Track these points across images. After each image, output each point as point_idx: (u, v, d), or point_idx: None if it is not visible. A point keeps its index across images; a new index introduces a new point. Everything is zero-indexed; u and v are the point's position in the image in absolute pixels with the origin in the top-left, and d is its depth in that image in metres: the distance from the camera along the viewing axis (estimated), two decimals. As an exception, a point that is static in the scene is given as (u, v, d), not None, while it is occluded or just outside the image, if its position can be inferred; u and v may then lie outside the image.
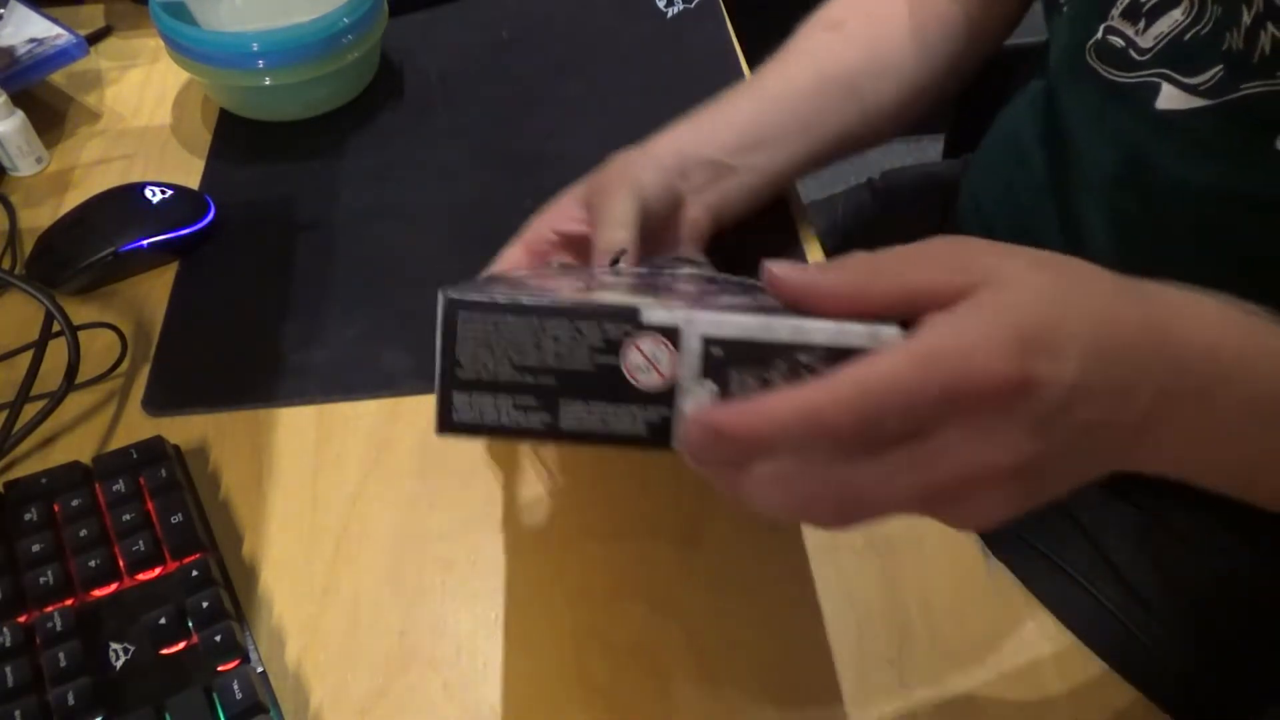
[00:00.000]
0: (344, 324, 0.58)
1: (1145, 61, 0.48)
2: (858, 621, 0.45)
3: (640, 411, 0.29)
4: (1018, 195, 0.62)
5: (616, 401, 0.29)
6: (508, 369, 0.29)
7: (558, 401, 0.29)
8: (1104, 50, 0.51)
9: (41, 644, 0.42)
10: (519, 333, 0.29)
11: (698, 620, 0.46)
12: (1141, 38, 0.48)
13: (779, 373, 0.29)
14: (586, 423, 0.29)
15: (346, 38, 0.68)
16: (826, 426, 0.27)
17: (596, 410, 0.29)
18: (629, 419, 0.29)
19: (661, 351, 0.29)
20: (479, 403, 0.29)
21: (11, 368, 0.55)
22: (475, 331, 0.29)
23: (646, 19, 0.80)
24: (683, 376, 0.29)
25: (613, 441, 0.29)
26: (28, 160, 0.68)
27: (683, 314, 0.29)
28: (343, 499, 0.50)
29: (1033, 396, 0.28)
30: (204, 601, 0.43)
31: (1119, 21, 0.49)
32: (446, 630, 0.46)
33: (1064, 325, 0.28)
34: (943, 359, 0.27)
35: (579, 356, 0.29)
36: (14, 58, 0.71)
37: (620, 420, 0.29)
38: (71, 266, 0.59)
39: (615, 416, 0.29)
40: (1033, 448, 0.28)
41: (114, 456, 0.49)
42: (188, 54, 0.67)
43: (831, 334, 0.29)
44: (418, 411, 0.54)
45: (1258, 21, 0.43)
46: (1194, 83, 0.46)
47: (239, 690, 0.41)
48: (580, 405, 0.29)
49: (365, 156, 0.69)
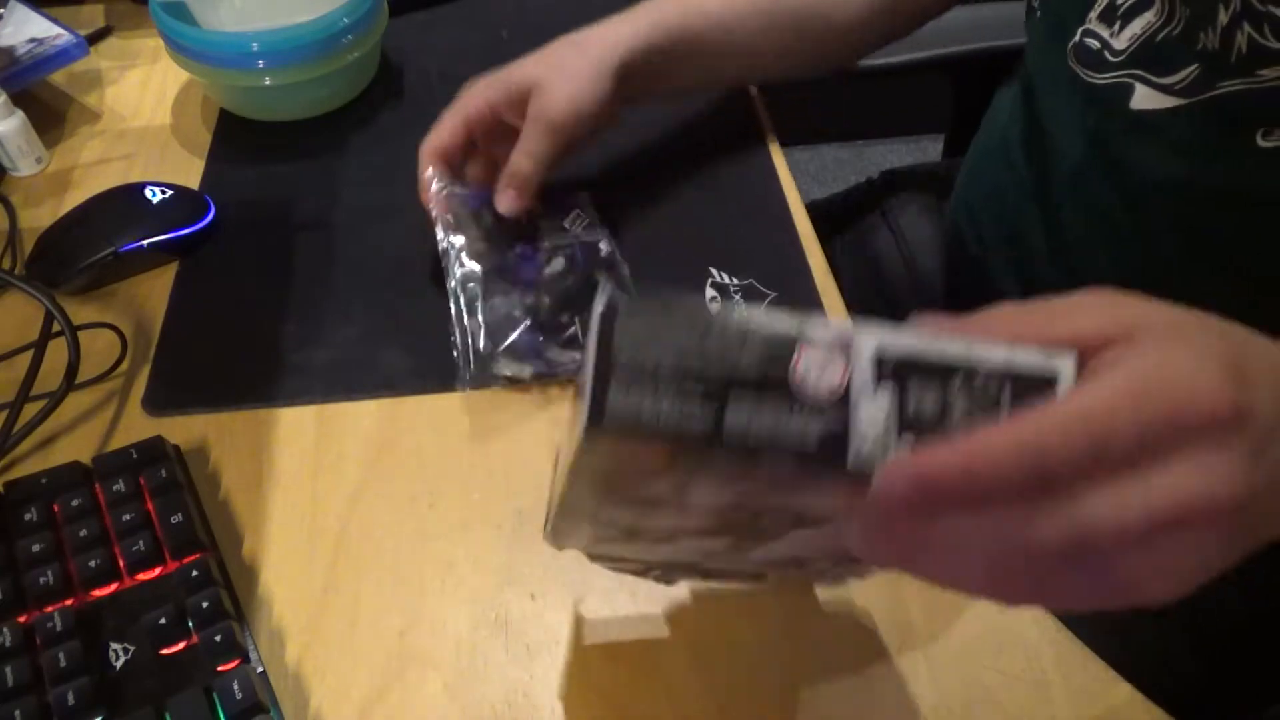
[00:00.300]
0: (344, 324, 0.58)
1: (1119, 62, 0.49)
2: (858, 621, 0.45)
3: (809, 422, 0.26)
4: (1004, 196, 0.62)
5: (782, 409, 0.26)
6: (670, 366, 0.26)
7: (723, 403, 0.26)
8: (1081, 52, 0.51)
9: (41, 644, 0.42)
10: (683, 331, 0.27)
11: (697, 621, 0.46)
12: (1116, 39, 0.49)
13: (957, 393, 0.27)
14: (751, 429, 0.26)
15: (346, 38, 0.68)
16: (1055, 460, 0.24)
17: (762, 416, 0.26)
18: (798, 429, 0.26)
19: (834, 361, 0.27)
20: (636, 399, 0.26)
21: (11, 368, 0.55)
22: (637, 326, 0.27)
23: (646, 19, 0.80)
24: (856, 387, 0.26)
25: (775, 457, 0.26)
26: (28, 160, 0.68)
27: (855, 323, 0.27)
28: (343, 499, 0.50)
29: (1248, 425, 0.26)
30: (204, 601, 0.43)
31: (1096, 24, 0.50)
32: (446, 630, 0.46)
33: (1251, 362, 0.27)
34: (1160, 386, 0.25)
35: (746, 361, 0.26)
36: (14, 58, 0.71)
37: (788, 430, 0.26)
38: (71, 266, 0.59)
39: (782, 426, 0.26)
40: (1248, 480, 0.26)
41: (114, 456, 0.49)
42: (188, 54, 0.67)
43: (1006, 355, 0.27)
44: (418, 411, 0.54)
45: (1235, 22, 0.43)
46: (1168, 82, 0.47)
47: (239, 690, 0.41)
48: (746, 409, 0.26)
49: (365, 156, 0.69)
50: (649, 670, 0.44)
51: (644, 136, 0.69)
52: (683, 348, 0.27)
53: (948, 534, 0.26)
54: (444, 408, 0.54)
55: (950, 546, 0.26)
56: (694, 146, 0.68)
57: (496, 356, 0.54)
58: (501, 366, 0.54)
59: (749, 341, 0.27)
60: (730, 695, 0.43)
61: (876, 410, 0.26)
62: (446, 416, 0.53)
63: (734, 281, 0.59)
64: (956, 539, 0.26)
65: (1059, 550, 0.25)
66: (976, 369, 0.26)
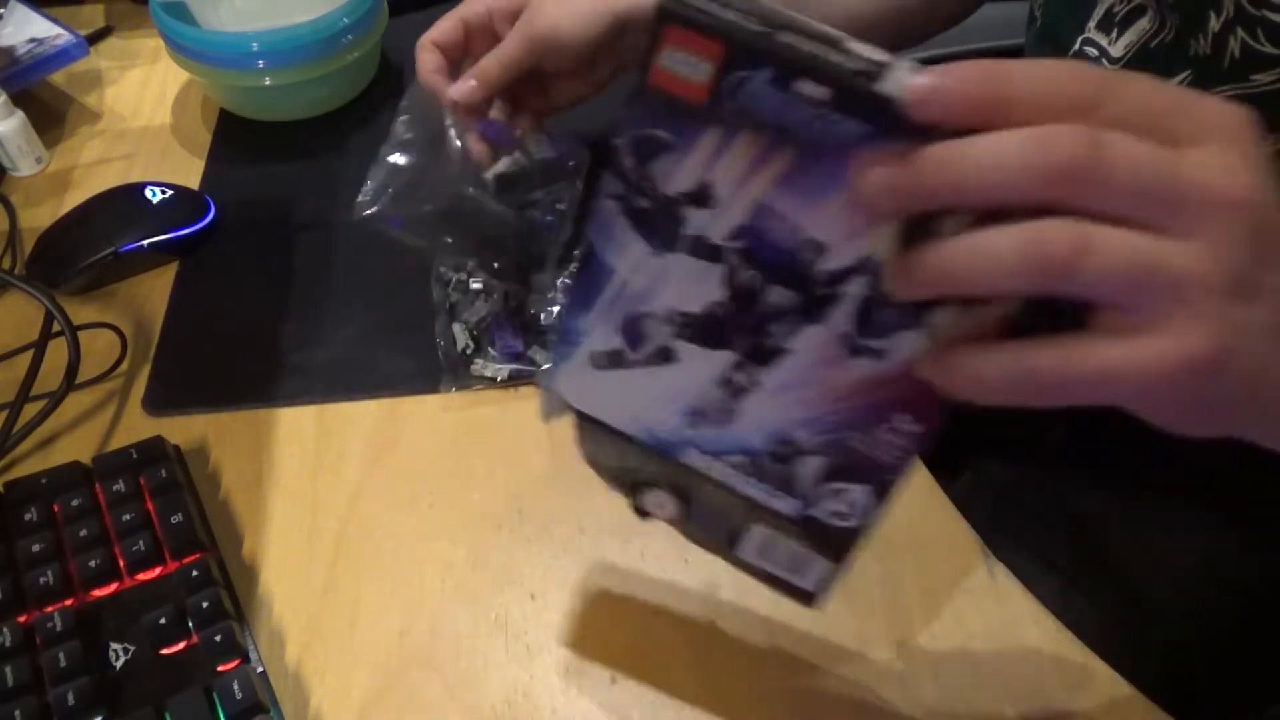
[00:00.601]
0: (344, 324, 0.58)
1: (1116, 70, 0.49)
2: (858, 621, 0.45)
3: (849, 60, 0.26)
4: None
5: (829, 50, 0.26)
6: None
7: (776, 29, 0.26)
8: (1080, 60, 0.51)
9: (41, 644, 0.42)
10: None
11: (698, 620, 0.46)
12: (1114, 47, 0.49)
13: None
14: (797, 49, 0.26)
15: (346, 38, 0.68)
16: (1076, 76, 0.24)
17: (809, 45, 0.26)
18: (838, 61, 0.26)
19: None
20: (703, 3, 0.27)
21: (11, 368, 0.55)
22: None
23: (646, 19, 0.80)
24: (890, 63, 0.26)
25: (813, 81, 0.26)
26: (28, 160, 0.68)
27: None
28: (343, 499, 0.50)
29: (1265, 200, 0.25)
30: (204, 601, 0.43)
31: (1094, 33, 0.50)
32: (446, 630, 0.46)
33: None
34: (1181, 91, 0.25)
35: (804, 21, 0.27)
36: (14, 58, 0.71)
37: (828, 60, 0.26)
38: (71, 266, 0.59)
39: (824, 56, 0.26)
40: (1254, 255, 0.25)
41: (114, 456, 0.49)
42: (188, 54, 0.67)
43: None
44: (418, 411, 0.54)
45: (1227, 27, 0.43)
46: None
47: (239, 690, 0.41)
48: (794, 37, 0.26)
49: (365, 156, 0.69)
50: (649, 669, 0.44)
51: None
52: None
53: (984, 157, 0.24)
54: (444, 408, 0.54)
55: (985, 165, 0.24)
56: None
57: (474, 358, 0.54)
58: (479, 368, 0.54)
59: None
60: (730, 694, 0.43)
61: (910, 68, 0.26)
62: (447, 416, 0.53)
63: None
64: (991, 147, 0.24)
65: (1081, 153, 0.24)
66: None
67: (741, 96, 0.27)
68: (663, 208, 0.30)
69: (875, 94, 0.26)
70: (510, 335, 0.55)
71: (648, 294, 0.32)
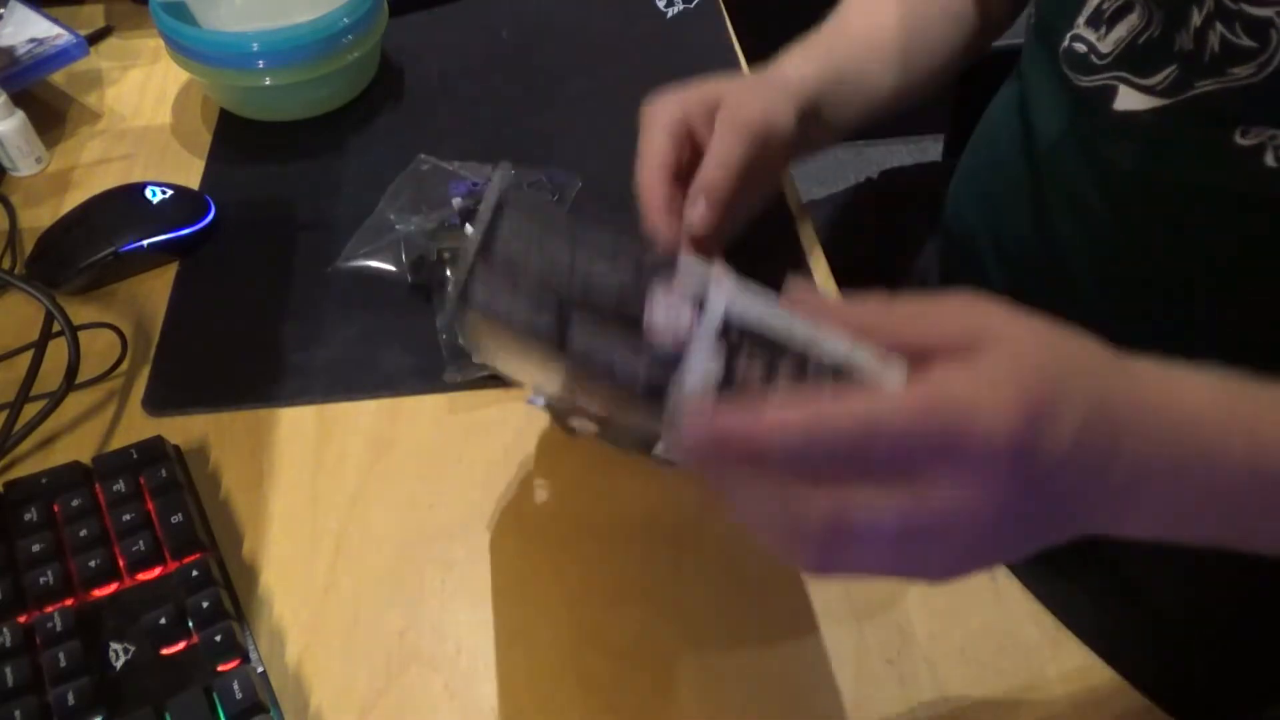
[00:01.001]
0: (344, 324, 0.58)
1: (1104, 65, 0.49)
2: (858, 621, 0.45)
3: (645, 365, 0.29)
4: (995, 197, 0.63)
5: (626, 341, 0.28)
6: (536, 270, 0.29)
7: (572, 317, 0.29)
8: (1069, 56, 0.52)
9: (41, 644, 0.42)
10: (560, 241, 0.29)
11: (698, 620, 0.46)
12: (1102, 43, 0.49)
13: (785, 371, 0.29)
14: (592, 349, 0.29)
15: (346, 38, 0.68)
16: (828, 445, 0.28)
17: (605, 341, 0.29)
18: (631, 365, 0.29)
19: (683, 313, 0.29)
20: (497, 291, 0.29)
21: (11, 368, 0.55)
22: (519, 224, 0.29)
23: (646, 19, 0.80)
24: (695, 340, 0.29)
25: (609, 386, 0.29)
26: (28, 160, 0.68)
27: (715, 280, 0.29)
28: (343, 499, 0.50)
29: (1030, 460, 0.28)
30: (204, 601, 0.43)
31: (1083, 29, 0.51)
32: (446, 630, 0.46)
33: (1065, 398, 0.29)
34: (951, 408, 0.28)
35: (606, 288, 0.29)
36: (14, 58, 0.71)
37: (624, 363, 0.29)
38: (71, 266, 0.59)
39: (621, 356, 0.29)
40: (1017, 508, 0.29)
41: (114, 456, 0.49)
42: (188, 54, 0.67)
43: (845, 352, 0.29)
44: (418, 411, 0.54)
45: (1207, 22, 0.43)
46: (1149, 83, 0.47)
47: (239, 690, 0.41)
48: (591, 330, 0.28)
49: (365, 156, 0.69)
50: (649, 670, 0.44)
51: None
52: (553, 257, 0.29)
53: (743, 486, 0.30)
54: (444, 408, 0.54)
55: (746, 498, 0.30)
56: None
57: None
58: (478, 357, 0.55)
59: (616, 270, 0.29)
60: (729, 694, 0.43)
61: (706, 365, 0.29)
62: (447, 417, 0.53)
63: (734, 281, 0.59)
64: (750, 493, 0.30)
65: (825, 529, 0.29)
66: (809, 355, 0.29)
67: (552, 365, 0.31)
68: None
69: (663, 410, 0.29)
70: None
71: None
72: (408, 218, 0.61)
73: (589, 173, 0.66)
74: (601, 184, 0.65)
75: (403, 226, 0.61)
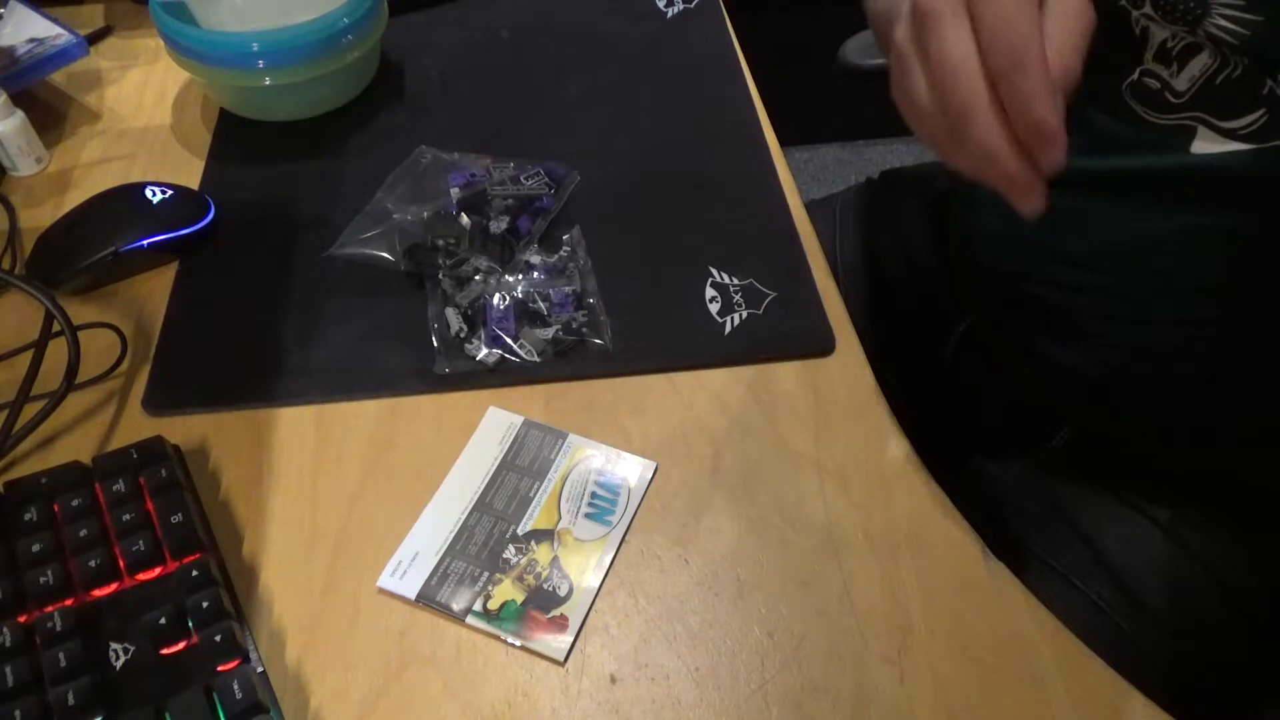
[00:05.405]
0: (344, 324, 0.58)
1: (1182, 104, 0.47)
2: (858, 621, 0.45)
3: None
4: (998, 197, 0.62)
5: None
6: None
7: None
8: (1140, 91, 0.49)
9: (41, 644, 0.42)
10: None
11: (698, 620, 0.46)
12: (1176, 80, 0.47)
13: None
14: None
15: (346, 38, 0.68)
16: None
17: None
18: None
19: None
20: None
21: (11, 368, 0.55)
22: None
23: (646, 19, 0.80)
24: None
25: None
26: (28, 160, 0.68)
27: None
28: (343, 499, 0.50)
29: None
30: (204, 601, 0.43)
31: (1153, 64, 0.48)
32: (446, 630, 0.46)
33: None
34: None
35: None
36: (14, 58, 0.71)
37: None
38: (71, 266, 0.59)
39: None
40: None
41: (114, 456, 0.49)
42: (188, 54, 0.67)
43: None
44: (418, 411, 0.54)
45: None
46: (1232, 127, 0.46)
47: (239, 690, 0.41)
48: None
49: (365, 156, 0.69)
50: (649, 670, 0.44)
51: (644, 136, 0.69)
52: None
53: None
54: (444, 407, 0.54)
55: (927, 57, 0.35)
56: (694, 146, 0.68)
57: (469, 339, 0.56)
58: (473, 349, 0.55)
59: None
60: (729, 694, 0.43)
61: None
62: (446, 416, 0.53)
63: (734, 281, 0.59)
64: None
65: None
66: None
67: None
68: None
69: None
70: (500, 320, 0.56)
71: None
72: (405, 207, 0.62)
73: (588, 171, 0.66)
74: (600, 182, 0.65)
75: (400, 215, 0.62)
